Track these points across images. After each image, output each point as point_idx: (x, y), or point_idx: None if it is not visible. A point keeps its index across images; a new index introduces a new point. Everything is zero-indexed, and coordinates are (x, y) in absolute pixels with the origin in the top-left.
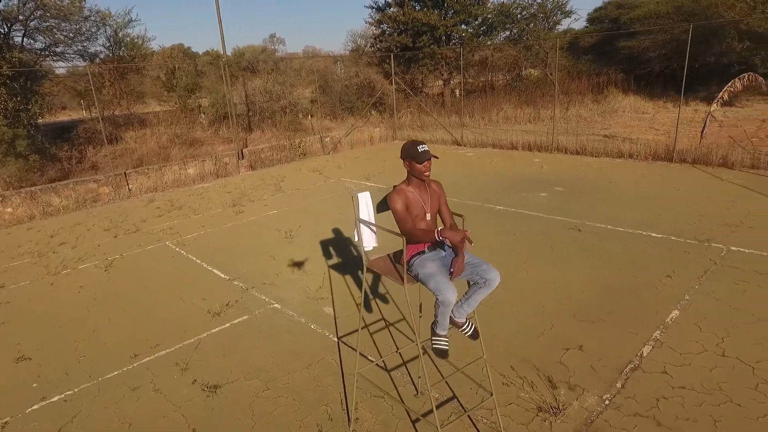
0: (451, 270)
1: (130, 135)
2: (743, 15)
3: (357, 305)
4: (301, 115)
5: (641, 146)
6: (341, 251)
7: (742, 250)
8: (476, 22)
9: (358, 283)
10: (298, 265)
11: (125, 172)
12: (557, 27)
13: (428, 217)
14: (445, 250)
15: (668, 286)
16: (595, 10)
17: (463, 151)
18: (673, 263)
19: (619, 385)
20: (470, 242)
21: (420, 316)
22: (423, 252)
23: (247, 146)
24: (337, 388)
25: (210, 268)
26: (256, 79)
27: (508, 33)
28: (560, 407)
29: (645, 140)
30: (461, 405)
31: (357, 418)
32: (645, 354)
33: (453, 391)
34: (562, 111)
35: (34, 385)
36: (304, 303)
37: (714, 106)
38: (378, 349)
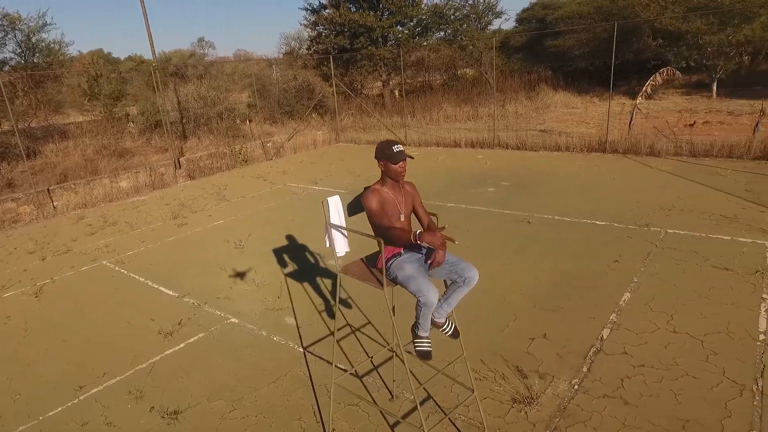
0: (429, 261)
1: (50, 148)
2: (656, 14)
3: (319, 312)
4: (239, 121)
5: (576, 139)
6: (296, 258)
7: (678, 232)
8: (411, 23)
9: (318, 289)
10: (252, 275)
11: (48, 189)
12: (489, 27)
13: (402, 218)
14: (421, 251)
15: (617, 270)
16: (523, 11)
17: (408, 150)
18: (618, 248)
19: (585, 369)
20: (454, 241)
21: (392, 319)
22: (400, 254)
23: (183, 155)
24: (309, 400)
25: (156, 286)
26: (188, 84)
27: (442, 33)
28: (533, 396)
29: (579, 133)
30: (438, 405)
31: (333, 429)
32: (605, 337)
33: (428, 392)
34: (499, 108)
35: None
36: (264, 315)
37: (639, 99)
38: (347, 356)
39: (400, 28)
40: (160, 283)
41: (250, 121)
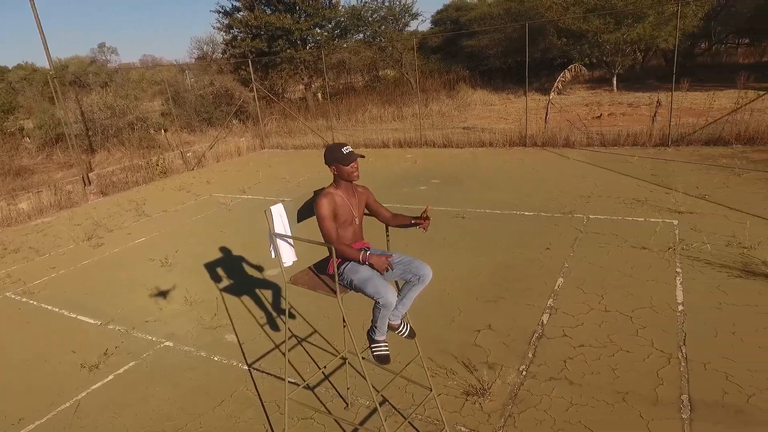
0: (417, 223)
1: None
2: (560, 15)
3: (261, 326)
4: (152, 131)
5: (498, 135)
6: (231, 271)
7: (599, 217)
8: (330, 25)
9: (258, 302)
10: (184, 294)
11: None
12: (406, 28)
13: (356, 221)
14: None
15: (549, 257)
16: (438, 12)
17: None
18: (548, 236)
19: (530, 355)
20: (391, 268)
21: (344, 326)
22: None
23: (92, 170)
24: (260, 419)
25: (74, 315)
26: (92, 93)
27: (362, 35)
28: (485, 387)
29: (500, 129)
30: (394, 408)
31: None
32: (545, 322)
33: (383, 396)
34: (423, 108)
35: None
36: (201, 335)
37: (552, 95)
38: (296, 369)
39: (319, 30)
40: (78, 312)
41: (165, 130)
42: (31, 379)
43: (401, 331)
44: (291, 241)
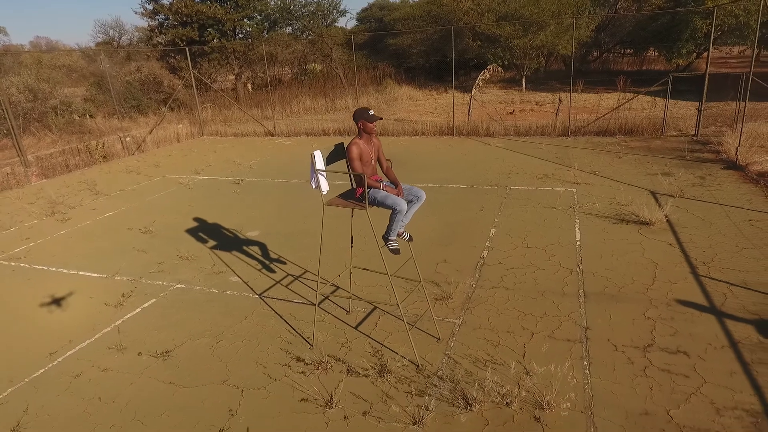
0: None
1: None
2: (475, 20)
3: (258, 270)
4: (77, 116)
5: (428, 126)
6: (215, 235)
7: (518, 187)
8: (260, 17)
9: (248, 255)
10: (177, 252)
11: None
12: (334, 24)
13: (373, 162)
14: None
15: (483, 215)
16: (363, 10)
17: (280, 140)
18: (480, 201)
19: (477, 275)
20: (402, 196)
21: (351, 246)
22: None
23: (22, 154)
24: (281, 325)
25: (75, 272)
26: (9, 75)
27: (290, 29)
28: (448, 295)
29: (429, 121)
30: (384, 311)
31: (308, 338)
32: (485, 256)
33: (370, 303)
34: (354, 101)
35: None
36: (208, 278)
37: (474, 92)
38: (300, 295)
39: (249, 22)
40: (79, 269)
41: (92, 116)
42: (61, 318)
43: (405, 236)
44: (325, 174)
